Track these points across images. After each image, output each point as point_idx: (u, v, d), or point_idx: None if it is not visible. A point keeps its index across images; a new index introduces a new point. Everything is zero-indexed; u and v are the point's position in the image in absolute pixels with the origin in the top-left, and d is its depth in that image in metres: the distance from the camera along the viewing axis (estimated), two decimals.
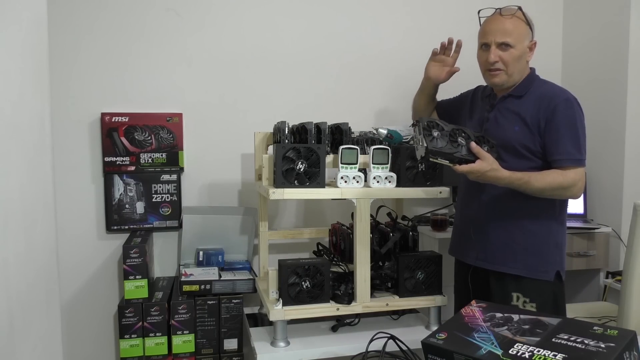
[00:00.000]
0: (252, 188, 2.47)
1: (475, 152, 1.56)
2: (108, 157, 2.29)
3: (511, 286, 1.70)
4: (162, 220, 2.36)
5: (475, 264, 1.79)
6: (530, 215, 1.69)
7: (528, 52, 1.70)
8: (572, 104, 1.63)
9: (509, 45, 1.65)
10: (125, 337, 2.05)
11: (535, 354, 1.13)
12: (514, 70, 1.68)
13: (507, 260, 1.71)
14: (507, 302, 1.68)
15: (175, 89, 2.38)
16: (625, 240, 2.04)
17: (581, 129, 1.64)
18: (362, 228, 1.79)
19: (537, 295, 1.68)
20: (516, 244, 1.70)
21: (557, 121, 1.62)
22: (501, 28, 1.66)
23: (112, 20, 2.29)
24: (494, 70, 1.68)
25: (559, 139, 1.62)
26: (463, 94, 1.96)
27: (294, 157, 1.75)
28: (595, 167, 2.63)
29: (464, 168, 1.55)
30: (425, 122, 1.57)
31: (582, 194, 1.68)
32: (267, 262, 2.17)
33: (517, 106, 1.70)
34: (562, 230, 1.74)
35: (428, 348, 1.24)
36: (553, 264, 1.70)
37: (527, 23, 1.70)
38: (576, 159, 1.62)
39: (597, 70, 2.64)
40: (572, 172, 1.61)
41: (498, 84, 1.71)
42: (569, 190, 1.62)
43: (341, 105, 2.54)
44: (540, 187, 1.60)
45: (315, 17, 2.52)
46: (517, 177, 1.59)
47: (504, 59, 1.66)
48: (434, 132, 1.56)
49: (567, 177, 1.60)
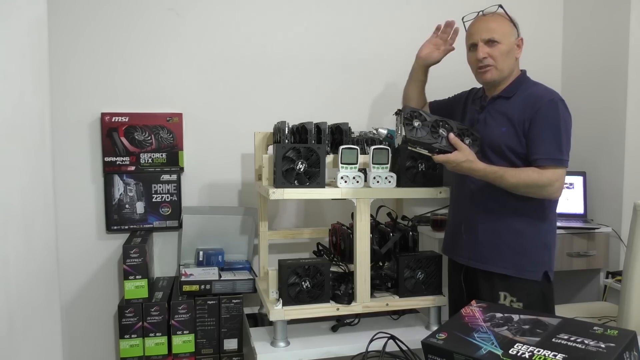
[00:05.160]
0: (252, 188, 2.47)
1: (453, 143, 1.62)
2: (108, 157, 2.29)
3: (499, 285, 1.71)
4: (162, 220, 2.36)
5: (466, 263, 1.80)
6: (518, 215, 1.70)
7: (516, 48, 1.72)
8: (556, 105, 1.63)
9: (496, 41, 1.68)
10: (125, 337, 2.05)
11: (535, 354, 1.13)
12: (504, 66, 1.70)
13: (494, 260, 1.72)
14: (494, 301, 1.69)
15: (175, 89, 2.38)
16: (625, 240, 2.04)
17: (564, 130, 1.63)
18: (362, 228, 1.79)
19: (525, 294, 1.69)
20: (504, 243, 1.71)
21: (540, 121, 1.62)
22: (485, 27, 1.70)
23: (112, 20, 2.29)
24: (484, 67, 1.71)
25: (540, 138, 1.62)
26: (457, 95, 1.97)
27: (294, 157, 1.75)
28: (595, 167, 2.63)
29: (440, 158, 1.62)
30: (408, 111, 1.63)
31: (560, 195, 1.65)
32: (267, 262, 2.17)
33: (505, 107, 1.71)
34: (551, 230, 1.74)
35: (428, 348, 1.24)
36: (541, 264, 1.70)
37: (510, 20, 1.73)
38: (555, 158, 1.61)
39: (597, 70, 2.63)
40: (550, 171, 1.61)
41: (490, 80, 1.72)
42: (545, 189, 1.61)
43: (341, 105, 2.54)
44: (514, 183, 1.62)
45: (316, 17, 2.52)
46: (492, 170, 1.63)
47: (492, 55, 1.69)
48: (415, 122, 1.62)
49: (543, 176, 1.60)
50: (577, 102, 2.68)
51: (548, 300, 1.73)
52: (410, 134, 1.60)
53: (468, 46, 1.77)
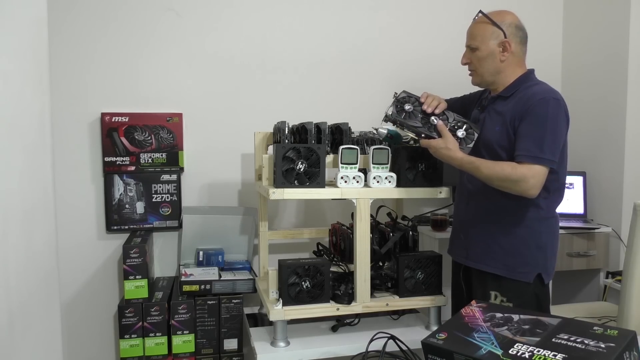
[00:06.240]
0: (252, 188, 2.47)
1: (439, 131, 1.72)
2: (108, 157, 2.29)
3: (490, 285, 1.72)
4: (162, 220, 2.36)
5: (462, 262, 1.82)
6: (512, 216, 1.69)
7: (499, 51, 1.70)
8: (547, 103, 1.61)
9: (475, 48, 1.73)
10: (125, 337, 2.05)
11: (535, 354, 1.13)
12: (483, 70, 1.73)
13: (487, 259, 1.73)
14: (486, 300, 1.69)
15: (175, 89, 2.38)
16: (625, 240, 2.04)
17: (551, 129, 1.60)
18: (362, 228, 1.79)
19: (515, 295, 1.68)
20: (496, 243, 1.71)
21: (527, 119, 1.62)
22: (469, 33, 1.76)
23: (112, 20, 2.29)
24: (470, 71, 1.78)
25: (522, 135, 1.62)
26: (471, 94, 1.98)
27: (294, 157, 1.75)
28: (595, 167, 2.63)
29: (424, 142, 1.73)
30: (403, 95, 1.76)
31: (536, 193, 1.60)
32: (267, 262, 2.17)
33: (502, 107, 1.72)
34: (548, 232, 1.72)
35: (428, 348, 1.24)
36: (534, 266, 1.69)
37: (493, 23, 1.70)
38: (533, 155, 1.58)
39: (597, 70, 2.64)
40: (525, 167, 1.58)
41: (474, 84, 1.80)
42: (518, 184, 1.59)
43: (341, 105, 2.54)
44: (487, 174, 1.63)
45: (316, 17, 2.52)
46: (468, 160, 1.67)
47: (472, 60, 1.75)
48: (406, 106, 1.75)
49: (517, 171, 1.58)
50: (577, 102, 2.68)
51: (542, 303, 1.72)
52: (393, 115, 1.73)
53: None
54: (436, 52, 2.64)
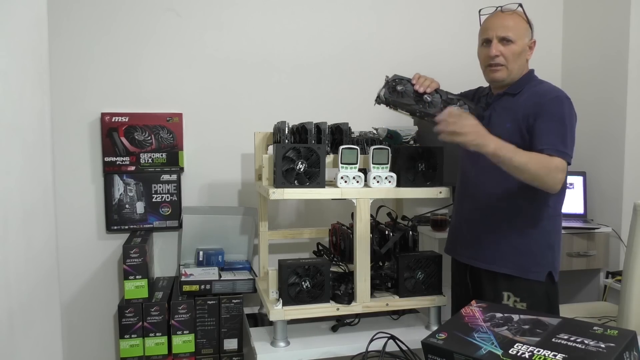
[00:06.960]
0: (252, 188, 2.47)
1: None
2: (108, 157, 2.29)
3: (502, 285, 1.70)
4: (162, 220, 2.36)
5: (469, 262, 1.80)
6: (522, 215, 1.68)
7: (528, 50, 1.71)
8: (561, 101, 1.61)
9: (510, 41, 1.65)
10: (125, 337, 2.05)
11: (535, 354, 1.13)
12: (514, 66, 1.68)
13: (498, 260, 1.71)
14: (498, 301, 1.69)
15: (175, 89, 2.38)
16: (625, 240, 2.04)
17: (569, 126, 1.59)
18: (362, 228, 1.79)
19: (528, 295, 1.68)
20: (507, 243, 1.70)
21: (544, 116, 1.60)
22: (503, 24, 1.66)
23: (112, 20, 2.29)
24: (495, 65, 1.68)
25: (545, 131, 1.59)
26: (465, 92, 1.96)
27: (294, 157, 1.75)
28: (595, 167, 2.62)
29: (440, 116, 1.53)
30: (394, 77, 1.74)
31: (559, 188, 1.58)
32: (267, 262, 2.17)
33: (511, 104, 1.69)
34: (555, 230, 1.72)
35: (428, 348, 1.24)
36: (545, 264, 1.69)
37: (527, 21, 1.71)
38: (561, 150, 1.56)
39: (597, 70, 2.63)
40: (558, 160, 1.55)
41: (498, 79, 1.70)
42: (550, 175, 1.53)
43: (341, 105, 2.54)
44: (524, 162, 1.50)
45: (315, 18, 2.52)
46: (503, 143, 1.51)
47: (505, 54, 1.66)
48: (398, 87, 1.72)
49: (553, 162, 1.54)
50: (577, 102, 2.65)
51: (552, 301, 1.72)
52: (384, 96, 1.71)
53: (481, 41, 1.73)
54: (436, 51, 2.64)
